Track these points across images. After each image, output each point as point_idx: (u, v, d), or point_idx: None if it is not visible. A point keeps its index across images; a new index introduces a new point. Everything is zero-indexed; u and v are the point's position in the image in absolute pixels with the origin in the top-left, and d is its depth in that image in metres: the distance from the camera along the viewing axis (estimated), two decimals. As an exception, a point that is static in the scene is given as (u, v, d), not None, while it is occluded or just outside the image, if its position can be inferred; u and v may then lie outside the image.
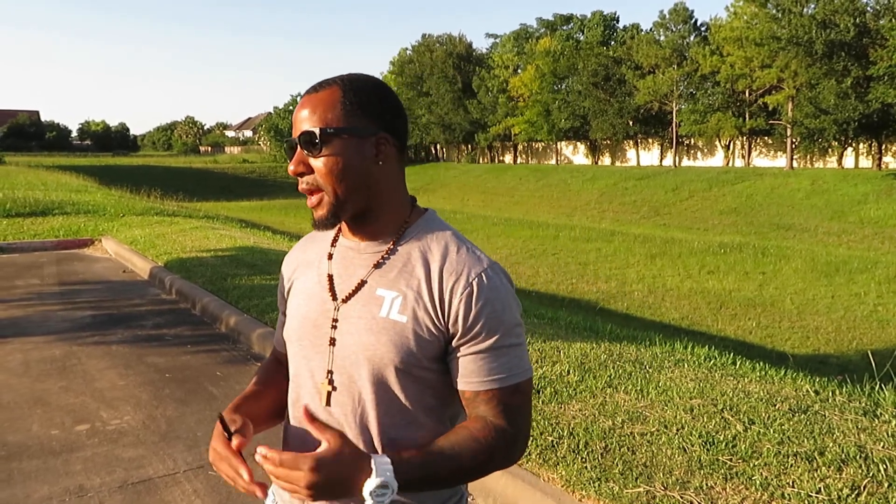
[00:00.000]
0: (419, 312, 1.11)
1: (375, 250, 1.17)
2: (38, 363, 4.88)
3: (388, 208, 1.17)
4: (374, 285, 1.14)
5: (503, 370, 1.11)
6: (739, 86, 35.72)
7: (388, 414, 1.13)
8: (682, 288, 12.96)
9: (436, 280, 1.12)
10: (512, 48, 53.44)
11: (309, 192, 1.14)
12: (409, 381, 1.12)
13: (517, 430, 1.13)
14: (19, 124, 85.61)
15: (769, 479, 2.63)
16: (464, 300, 1.09)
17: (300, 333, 1.20)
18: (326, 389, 1.15)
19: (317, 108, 1.11)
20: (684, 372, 3.93)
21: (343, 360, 1.14)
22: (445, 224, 1.22)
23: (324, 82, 1.14)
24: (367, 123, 1.12)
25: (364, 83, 1.14)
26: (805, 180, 29.09)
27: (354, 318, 1.14)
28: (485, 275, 1.11)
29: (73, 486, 3.10)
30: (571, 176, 39.58)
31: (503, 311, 1.11)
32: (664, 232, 24.13)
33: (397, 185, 1.18)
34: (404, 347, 1.10)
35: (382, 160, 1.13)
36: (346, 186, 1.11)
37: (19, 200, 14.14)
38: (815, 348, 9.02)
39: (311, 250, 1.28)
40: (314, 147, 1.10)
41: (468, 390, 1.12)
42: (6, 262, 9.09)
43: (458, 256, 1.13)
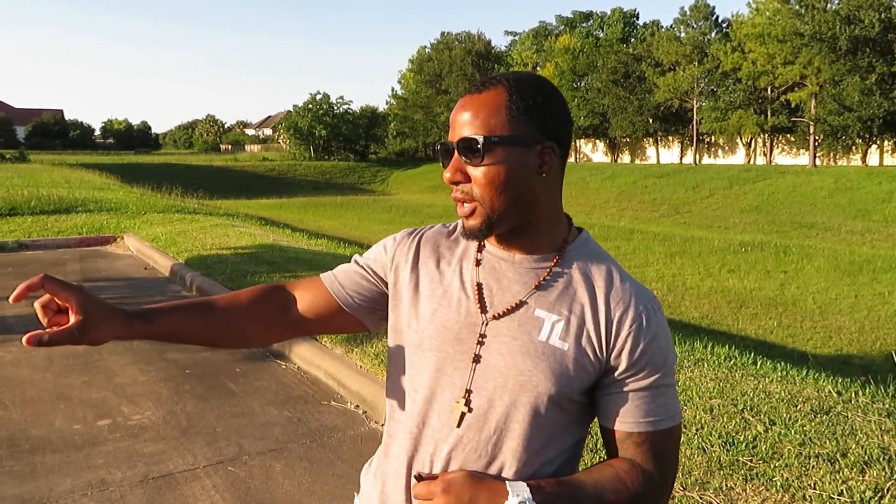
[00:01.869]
0: (582, 340, 1.03)
1: (534, 266, 1.08)
2: (61, 359, 4.96)
3: (547, 224, 1.08)
4: (532, 305, 1.06)
5: (659, 412, 1.04)
6: (761, 83, 35.37)
7: (526, 447, 1.04)
8: (703, 287, 12.85)
9: (602, 308, 1.04)
10: (531, 46, 53.34)
11: (462, 200, 1.05)
12: (557, 412, 1.04)
13: (664, 477, 1.06)
14: (44, 123, 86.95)
15: (790, 480, 2.60)
16: (632, 333, 1.02)
17: (439, 344, 1.08)
18: (461, 410, 1.05)
19: (480, 112, 1.02)
20: (704, 371, 3.90)
21: (486, 382, 1.05)
22: (602, 248, 1.15)
23: (487, 82, 1.05)
24: (532, 131, 1.02)
25: (531, 85, 1.04)
26: (828, 178, 28.71)
27: (508, 338, 1.05)
28: (652, 308, 1.05)
29: (95, 480, 3.14)
30: (591, 174, 39.39)
31: (667, 349, 1.04)
32: (684, 230, 23.94)
33: (557, 198, 1.09)
34: (563, 377, 1.02)
35: (546, 172, 1.04)
36: (506, 199, 1.02)
37: (44, 198, 14.34)
38: (837, 348, 8.90)
39: (445, 247, 1.17)
40: (474, 155, 1.01)
41: (621, 430, 1.05)
42: (31, 259, 9.24)
43: (622, 285, 1.06)
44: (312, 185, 47.51)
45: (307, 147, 60.13)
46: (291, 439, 3.61)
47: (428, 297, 1.12)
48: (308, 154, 59.74)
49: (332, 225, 22.73)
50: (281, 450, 3.48)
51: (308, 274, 7.10)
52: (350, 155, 60.84)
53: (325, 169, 52.27)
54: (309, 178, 49.86)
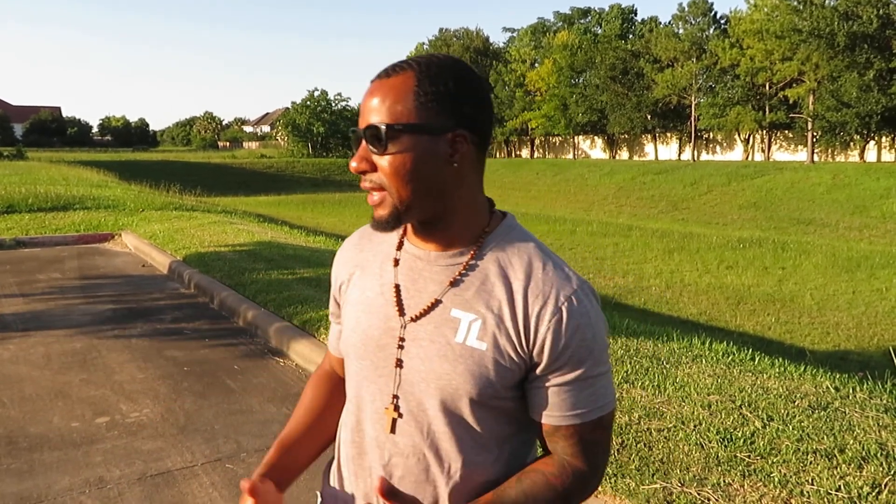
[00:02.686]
0: (500, 339, 0.99)
1: (449, 263, 1.03)
2: (60, 356, 4.95)
3: (464, 214, 1.03)
4: (448, 305, 1.02)
5: (587, 404, 1.01)
6: (759, 79, 35.37)
7: (460, 447, 1.03)
8: (701, 283, 12.86)
9: (520, 303, 0.99)
10: (529, 42, 53.30)
11: (370, 190, 1.01)
12: (484, 412, 1.02)
13: (595, 467, 1.05)
14: (41, 120, 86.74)
15: (788, 476, 2.60)
16: (552, 328, 0.97)
17: (362, 352, 1.07)
18: (392, 416, 1.04)
19: (386, 98, 0.96)
20: (702, 368, 3.90)
21: (412, 386, 1.03)
22: (527, 233, 1.08)
23: (397, 65, 0.99)
24: (442, 118, 0.97)
25: (443, 69, 0.98)
26: (826, 174, 28.72)
27: (426, 341, 1.02)
28: (575, 298, 0.99)
29: (94, 478, 3.14)
30: (589, 170, 39.38)
31: (593, 339, 0.99)
32: (682, 227, 23.95)
33: (475, 188, 1.03)
34: (483, 378, 0.98)
35: (458, 161, 0.99)
36: (414, 190, 0.98)
37: (41, 195, 14.32)
38: (835, 344, 8.91)
39: (369, 251, 1.14)
40: (379, 143, 0.97)
41: (548, 424, 1.03)
42: (28, 257, 9.23)
43: (543, 275, 1.00)
44: (311, 182, 47.44)
45: (305, 144, 60.09)
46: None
47: (353, 306, 1.11)
48: (306, 151, 59.70)
49: (330, 222, 22.70)
50: (279, 447, 3.48)
51: (306, 271, 7.10)
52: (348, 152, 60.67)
53: (323, 166, 52.19)
54: (307, 175, 49.78)
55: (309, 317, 5.31)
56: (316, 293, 6.06)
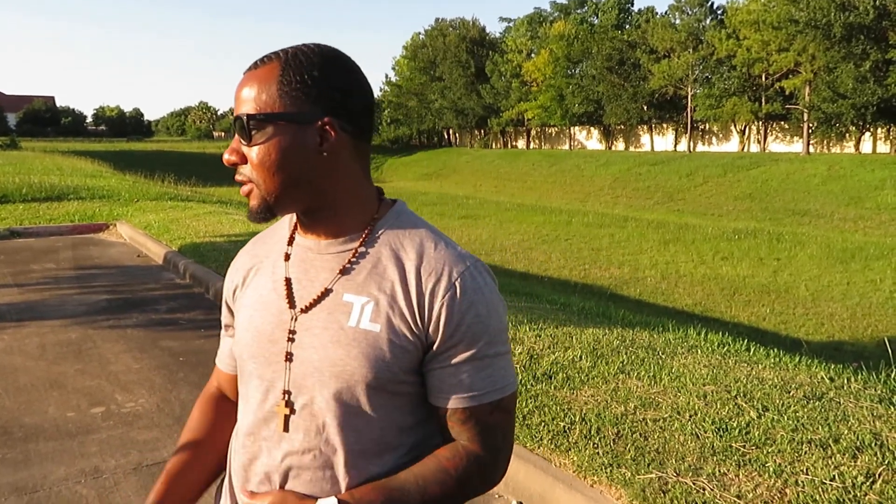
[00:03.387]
0: (394, 319, 0.97)
1: (339, 250, 1.02)
2: (55, 346, 4.94)
3: (346, 204, 1.01)
4: (340, 291, 1.00)
5: (484, 385, 0.98)
6: (756, 70, 35.35)
7: (358, 440, 0.99)
8: (696, 274, 12.89)
9: (413, 281, 0.97)
10: (525, 32, 53.10)
11: (241, 182, 0.99)
12: (383, 398, 0.98)
13: (495, 453, 1.01)
14: (35, 110, 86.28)
15: (783, 465, 2.61)
16: (446, 303, 0.96)
17: (254, 350, 1.04)
18: (283, 413, 1.00)
19: (253, 89, 0.96)
20: (697, 358, 3.91)
21: (304, 379, 0.99)
22: (418, 218, 1.07)
23: (265, 57, 0.99)
24: (308, 107, 0.95)
25: (310, 58, 0.96)
26: (821, 166, 28.78)
27: (318, 329, 0.99)
28: (468, 274, 0.98)
29: (89, 468, 3.14)
30: (585, 161, 39.37)
31: (488, 315, 0.97)
32: (678, 218, 23.98)
33: (354, 176, 1.01)
34: (378, 360, 0.96)
35: (328, 150, 0.97)
36: (281, 181, 0.96)
37: (35, 185, 14.25)
38: (829, 335, 8.95)
39: (262, 252, 1.12)
40: (245, 134, 0.96)
41: (444, 407, 0.99)
42: (23, 247, 9.19)
43: (436, 253, 0.99)
44: (306, 173, 47.22)
45: (301, 134, 59.80)
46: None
47: (247, 308, 1.07)
48: (302, 141, 59.41)
49: (326, 212, 22.63)
50: (275, 437, 3.48)
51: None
52: (344, 142, 60.54)
53: (318, 156, 52.11)
54: (303, 166, 49.62)
55: (305, 307, 5.30)
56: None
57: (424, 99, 57.36)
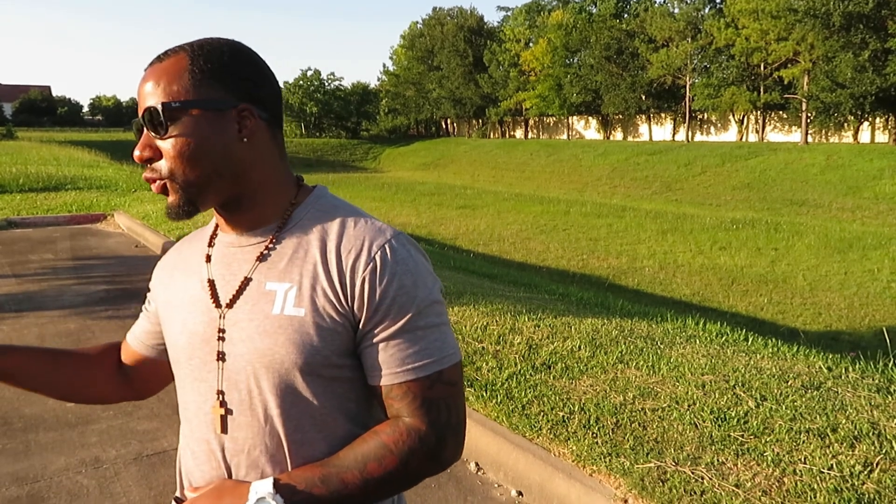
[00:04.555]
0: (318, 301, 0.94)
1: (258, 241, 1.00)
2: (54, 337, 4.94)
3: (266, 192, 0.99)
4: (262, 280, 0.97)
5: (419, 357, 0.95)
6: (754, 59, 35.23)
7: (299, 429, 0.96)
8: (694, 264, 12.90)
9: (333, 260, 0.95)
10: (523, 21, 52.86)
11: (152, 179, 0.95)
12: (320, 385, 0.96)
13: (440, 428, 0.96)
14: (31, 100, 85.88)
15: (781, 455, 2.63)
16: (367, 278, 0.93)
17: (190, 351, 1.01)
18: (219, 413, 0.98)
19: (161, 80, 0.93)
20: (696, 348, 3.92)
21: (237, 375, 0.97)
22: (339, 200, 1.05)
23: (169, 50, 0.96)
24: (223, 94, 0.94)
25: (218, 47, 0.96)
26: (820, 155, 28.76)
27: (245, 321, 0.96)
28: (388, 246, 0.95)
29: (89, 458, 3.14)
30: (583, 151, 39.32)
31: (414, 286, 0.94)
32: (676, 207, 23.99)
33: (273, 163, 1.00)
34: (307, 345, 0.93)
35: (247, 136, 0.95)
36: (201, 171, 0.93)
37: (32, 175, 14.23)
38: (827, 325, 8.97)
39: (188, 252, 1.10)
40: (160, 126, 0.92)
41: (381, 385, 0.96)
42: (20, 237, 9.17)
43: (356, 230, 0.97)
44: (304, 163, 47.21)
45: (298, 124, 59.76)
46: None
47: (177, 310, 1.05)
48: (299, 131, 59.38)
49: (323, 202, 22.60)
50: (275, 427, 3.49)
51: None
52: (342, 132, 60.56)
53: (316, 146, 51.97)
54: (300, 156, 49.54)
55: (303, 297, 5.31)
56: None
57: (422, 88, 57.17)
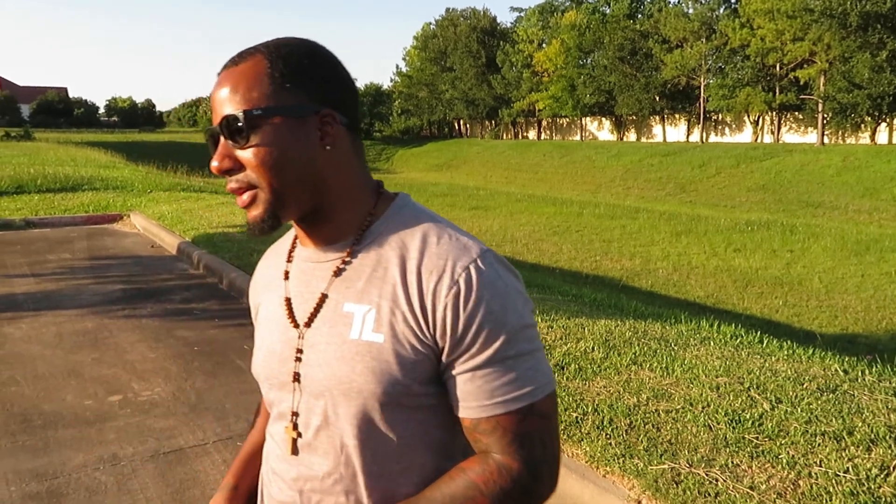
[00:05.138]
0: (398, 326, 0.88)
1: (337, 255, 0.94)
2: (72, 335, 5.00)
3: (345, 202, 0.94)
4: (339, 300, 0.92)
5: (509, 389, 0.87)
6: (770, 59, 34.94)
7: (377, 460, 0.91)
8: (708, 266, 12.83)
9: (413, 282, 0.88)
10: (537, 22, 52.75)
11: (238, 191, 0.90)
12: (400, 414, 0.90)
13: (534, 465, 0.89)
14: (48, 101, 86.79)
15: (796, 457, 2.62)
16: (450, 303, 0.85)
17: (268, 371, 0.99)
18: (291, 436, 0.95)
19: (238, 86, 0.87)
20: (710, 350, 3.91)
21: (314, 398, 0.92)
22: (423, 209, 0.97)
23: (244, 52, 0.90)
24: (304, 99, 0.88)
25: (295, 49, 0.90)
26: (836, 157, 28.48)
27: (322, 344, 0.91)
28: (473, 267, 0.87)
29: (107, 455, 3.18)
30: (596, 152, 39.17)
31: (503, 311, 0.86)
32: (690, 209, 23.85)
33: (353, 170, 0.94)
34: (386, 374, 0.87)
35: (330, 143, 0.90)
36: (287, 180, 0.88)
37: (50, 176, 14.36)
38: (843, 328, 8.89)
39: (274, 267, 1.06)
40: (240, 135, 0.87)
41: (468, 417, 0.89)
42: (38, 237, 9.27)
43: (438, 248, 0.89)
44: (317, 164, 47.30)
45: (312, 125, 59.83)
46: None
47: (260, 326, 1.03)
48: (312, 132, 59.45)
49: (337, 203, 22.68)
50: (290, 426, 3.52)
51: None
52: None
53: (329, 147, 52.15)
54: (314, 157, 49.71)
55: (318, 298, 5.33)
56: (324, 274, 6.08)
57: (435, 90, 57.18)
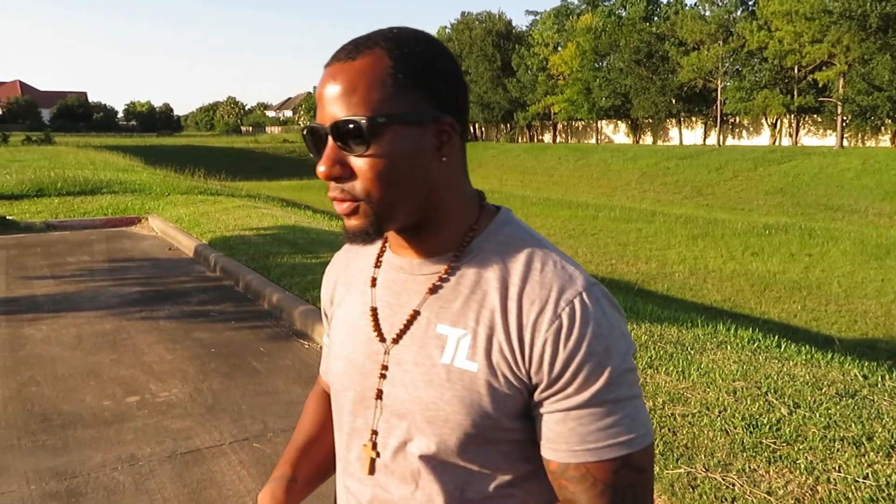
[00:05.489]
0: (494, 356, 0.81)
1: (433, 271, 0.87)
2: (90, 337, 5.05)
3: (450, 214, 0.86)
4: (432, 319, 0.86)
5: (604, 436, 0.79)
6: (788, 62, 34.63)
7: (455, 492, 0.85)
8: (725, 269, 12.73)
9: (514, 310, 0.81)
10: (552, 25, 52.67)
11: (342, 199, 0.82)
12: (484, 446, 0.83)
13: None
14: (68, 105, 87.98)
15: (814, 463, 2.59)
16: (550, 339, 0.79)
17: (346, 381, 0.93)
18: (370, 455, 0.89)
19: (357, 85, 0.78)
20: (727, 354, 3.88)
21: (395, 419, 0.87)
22: (524, 227, 0.90)
23: (361, 44, 0.80)
24: (424, 105, 0.80)
25: (416, 42, 0.81)
26: (856, 159, 28.17)
27: (410, 364, 0.86)
28: (579, 302, 0.80)
29: (125, 455, 3.22)
30: (612, 155, 39.02)
31: (605, 353, 0.79)
32: (707, 212, 23.68)
33: (460, 182, 0.87)
34: (476, 406, 0.81)
35: (446, 155, 0.82)
36: (399, 194, 0.80)
37: (69, 179, 14.55)
38: (863, 332, 8.79)
39: (356, 266, 0.99)
40: (357, 142, 0.78)
41: (554, 460, 0.82)
42: (58, 240, 9.39)
43: (541, 276, 0.83)
44: (333, 167, 47.52)
45: (327, 129, 60.15)
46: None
47: (339, 329, 0.97)
48: (328, 136, 59.76)
49: (352, 206, 22.75)
50: (305, 428, 3.53)
51: (329, 254, 7.14)
52: (370, 136, 60.82)
53: (345, 150, 52.41)
54: (329, 160, 49.96)
55: (333, 300, 5.36)
56: (340, 277, 6.10)
57: (450, 93, 57.25)
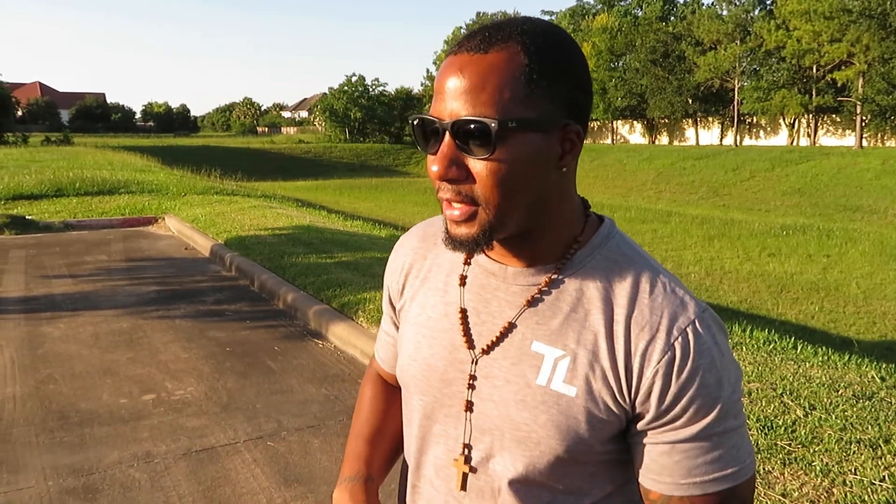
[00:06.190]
0: (595, 383, 0.77)
1: (531, 283, 0.82)
2: (107, 335, 5.11)
3: (557, 224, 0.80)
4: (527, 335, 0.81)
5: (711, 469, 0.76)
6: (806, 61, 34.36)
7: None
8: (742, 270, 12.63)
9: (620, 335, 0.77)
10: (568, 25, 52.55)
11: (455, 202, 0.76)
12: (573, 468, 0.81)
13: None
14: (87, 106, 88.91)
15: (830, 465, 2.56)
16: (662, 370, 0.75)
17: (423, 386, 0.88)
18: (462, 470, 0.84)
19: (487, 82, 0.71)
20: (742, 355, 3.85)
21: (483, 434, 0.83)
22: (631, 244, 0.84)
23: (494, 34, 0.73)
24: (554, 108, 0.73)
25: (549, 39, 0.74)
26: (875, 160, 27.85)
27: (500, 380, 0.81)
28: (692, 331, 0.76)
29: (141, 452, 3.25)
30: (627, 155, 38.85)
31: (718, 385, 0.75)
32: (723, 213, 23.50)
33: (572, 191, 0.81)
34: (572, 431, 0.77)
35: (567, 164, 0.76)
36: (516, 202, 0.75)
37: (87, 179, 14.70)
38: (881, 334, 8.68)
39: (434, 259, 0.93)
40: (483, 145, 0.72)
41: (656, 491, 0.79)
42: (76, 239, 9.49)
43: (651, 300, 0.78)
44: (348, 168, 47.75)
45: (342, 129, 60.42)
46: (329, 416, 3.68)
47: (412, 327, 0.91)
48: (343, 136, 60.04)
49: (367, 207, 22.85)
50: (318, 426, 3.55)
51: (344, 255, 7.17)
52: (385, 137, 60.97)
53: (360, 151, 52.49)
54: (344, 161, 50.11)
55: (347, 300, 5.38)
56: (354, 277, 6.13)
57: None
